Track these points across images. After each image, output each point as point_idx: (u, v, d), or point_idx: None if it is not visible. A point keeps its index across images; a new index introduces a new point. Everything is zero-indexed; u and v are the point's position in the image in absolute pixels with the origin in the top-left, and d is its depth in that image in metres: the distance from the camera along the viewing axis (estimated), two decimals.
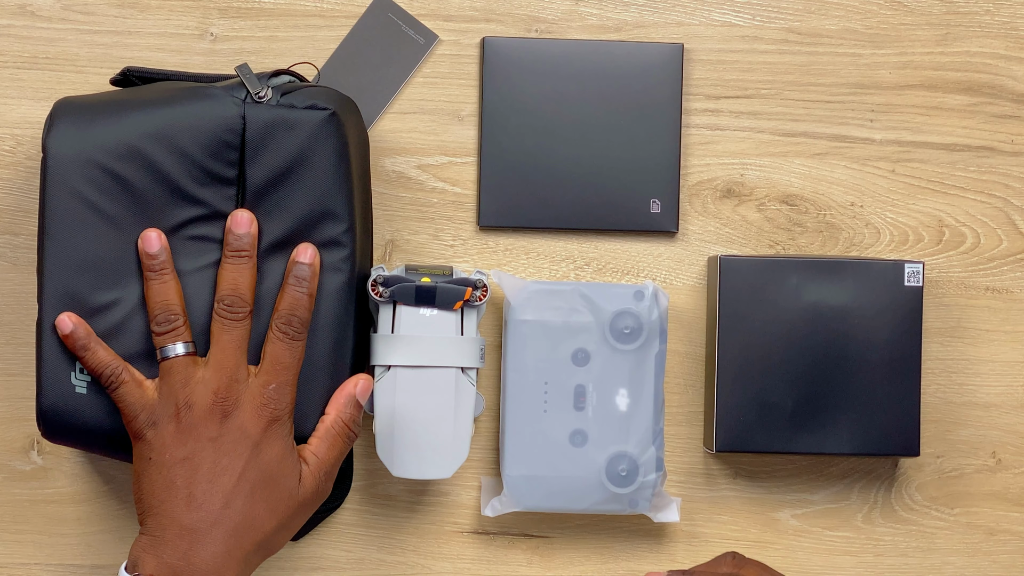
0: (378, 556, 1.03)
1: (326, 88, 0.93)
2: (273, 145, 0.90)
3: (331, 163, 0.90)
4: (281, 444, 0.87)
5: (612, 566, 1.03)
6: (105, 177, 0.89)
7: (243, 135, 0.90)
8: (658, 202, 1.02)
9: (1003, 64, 1.04)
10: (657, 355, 0.98)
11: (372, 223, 1.00)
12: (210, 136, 0.89)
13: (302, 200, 0.90)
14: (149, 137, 0.89)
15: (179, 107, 0.90)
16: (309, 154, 0.90)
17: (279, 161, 0.90)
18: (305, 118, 0.90)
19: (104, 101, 0.91)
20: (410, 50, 1.02)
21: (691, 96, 1.03)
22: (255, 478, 0.86)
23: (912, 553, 1.03)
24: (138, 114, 0.90)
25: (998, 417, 1.03)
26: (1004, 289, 1.03)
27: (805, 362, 0.97)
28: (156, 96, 0.91)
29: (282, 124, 0.90)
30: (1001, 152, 1.04)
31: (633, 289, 0.98)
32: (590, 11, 1.03)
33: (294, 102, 0.90)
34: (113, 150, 0.89)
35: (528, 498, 0.98)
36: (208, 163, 0.89)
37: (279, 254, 0.91)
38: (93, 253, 0.89)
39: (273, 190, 0.90)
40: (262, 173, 0.90)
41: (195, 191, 0.89)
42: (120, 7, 1.02)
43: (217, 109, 0.89)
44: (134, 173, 0.89)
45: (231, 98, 0.90)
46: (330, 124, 0.90)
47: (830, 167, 1.04)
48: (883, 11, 1.03)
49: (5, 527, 1.02)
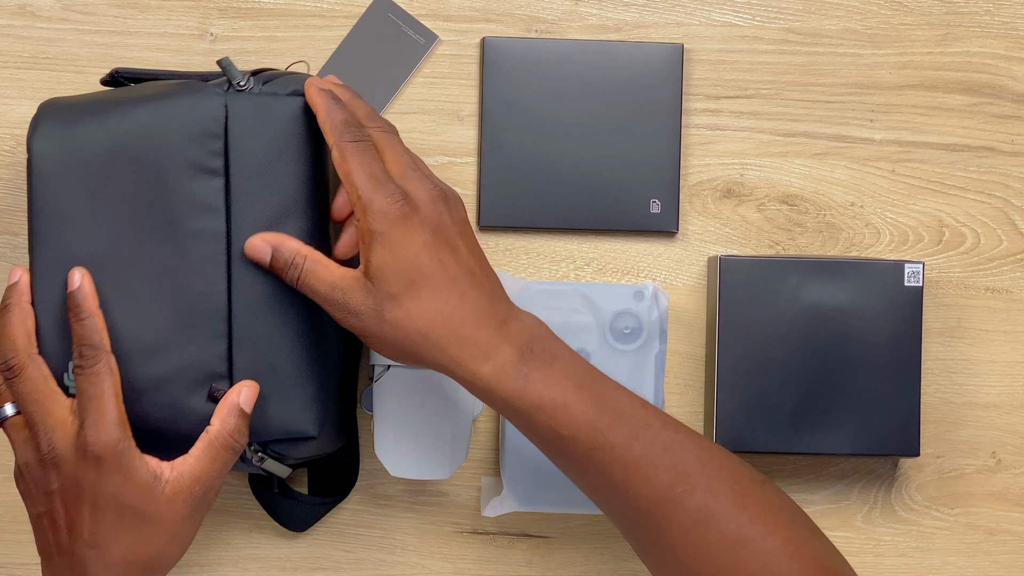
0: (378, 556, 1.03)
1: (309, 75, 0.93)
2: (256, 133, 0.89)
3: (312, 149, 0.90)
4: (120, 475, 0.85)
5: (612, 566, 1.03)
6: (91, 175, 0.89)
7: (226, 125, 0.89)
8: (658, 202, 1.02)
9: (1003, 64, 1.04)
10: (657, 355, 0.98)
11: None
12: (194, 128, 0.89)
13: (285, 187, 0.90)
14: (134, 134, 0.89)
15: (163, 102, 0.89)
16: (291, 141, 0.90)
17: (263, 148, 0.89)
18: (287, 104, 0.90)
19: (89, 101, 0.91)
20: (410, 50, 1.02)
21: (691, 96, 1.03)
22: (110, 515, 0.85)
23: (912, 553, 1.03)
24: (122, 112, 0.90)
25: (998, 417, 1.04)
26: (1004, 289, 1.03)
27: (805, 362, 0.97)
28: (141, 94, 0.91)
29: (264, 111, 0.89)
30: (1001, 152, 1.04)
31: (633, 289, 0.98)
32: (590, 11, 1.03)
33: (276, 89, 0.90)
34: (98, 148, 0.89)
35: (528, 498, 0.98)
36: (194, 155, 0.89)
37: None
38: (82, 252, 0.89)
39: (258, 178, 0.89)
40: (247, 162, 0.89)
41: (184, 184, 0.89)
42: (120, 7, 1.02)
43: (200, 101, 0.89)
44: (121, 170, 0.89)
45: (213, 89, 0.90)
46: (309, 110, 0.90)
47: (830, 167, 1.04)
48: (883, 11, 1.03)
49: (5, 527, 1.02)
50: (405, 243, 0.84)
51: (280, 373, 0.90)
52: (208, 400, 0.89)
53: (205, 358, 0.89)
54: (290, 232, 0.89)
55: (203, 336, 0.89)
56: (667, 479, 0.82)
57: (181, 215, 0.89)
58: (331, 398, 0.93)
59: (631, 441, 0.83)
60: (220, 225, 0.89)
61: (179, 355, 0.89)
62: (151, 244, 0.89)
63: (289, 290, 0.89)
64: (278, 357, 0.90)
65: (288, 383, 0.90)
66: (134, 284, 0.89)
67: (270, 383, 0.90)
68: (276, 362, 0.90)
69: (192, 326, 0.89)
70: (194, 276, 0.89)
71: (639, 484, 0.83)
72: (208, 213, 0.89)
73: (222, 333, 0.89)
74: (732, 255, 1.00)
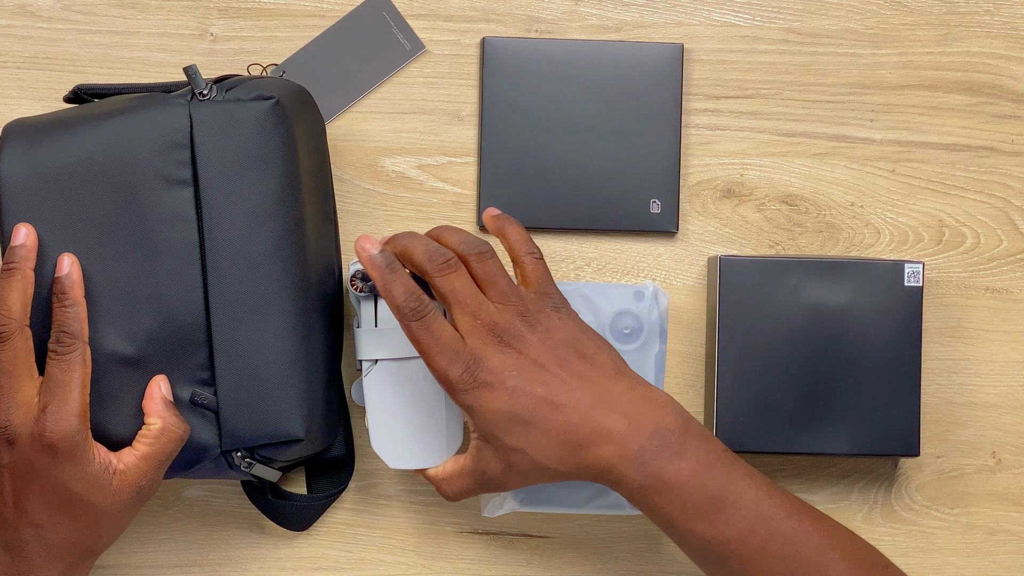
0: (378, 556, 1.03)
1: (273, 78, 0.93)
2: (222, 141, 0.89)
3: (279, 154, 0.90)
4: (72, 465, 0.86)
5: (612, 566, 1.03)
6: (61, 194, 0.89)
7: (191, 134, 0.89)
8: (658, 202, 1.02)
9: (1003, 64, 1.04)
10: (657, 355, 0.98)
11: (335, 211, 1.00)
12: (160, 140, 0.89)
13: (255, 192, 0.90)
14: (100, 149, 0.89)
15: (127, 116, 0.89)
16: (257, 145, 0.90)
17: (229, 155, 0.89)
18: (249, 110, 0.90)
19: (53, 119, 0.91)
20: (394, 53, 1.02)
21: (691, 96, 1.03)
22: (57, 500, 0.87)
23: (912, 553, 1.03)
24: (87, 128, 0.90)
25: (998, 417, 1.04)
26: (1004, 289, 1.03)
27: (805, 362, 0.97)
28: (105, 109, 0.91)
29: (228, 118, 0.89)
30: (1001, 152, 1.04)
31: (633, 289, 0.98)
32: (590, 11, 1.03)
33: (240, 95, 0.90)
34: (66, 166, 0.89)
35: (528, 499, 0.98)
36: (162, 167, 0.89)
37: (241, 252, 0.90)
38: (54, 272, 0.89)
39: (227, 185, 0.89)
40: (215, 170, 0.89)
41: (153, 196, 0.89)
42: (120, 7, 1.02)
43: (164, 113, 0.89)
44: (90, 186, 0.89)
45: (177, 100, 0.90)
46: (274, 113, 0.90)
47: (830, 167, 1.04)
48: (883, 11, 1.03)
49: None
50: (493, 402, 0.88)
51: (263, 377, 0.90)
52: (190, 404, 0.90)
53: (186, 367, 0.90)
54: (264, 237, 0.89)
55: (183, 345, 0.89)
56: (784, 569, 0.85)
57: (153, 227, 0.89)
58: (317, 397, 0.93)
59: (749, 536, 0.86)
60: (192, 235, 0.89)
61: (160, 366, 0.90)
62: (125, 258, 0.89)
63: (268, 294, 0.90)
64: (260, 362, 0.90)
65: (273, 387, 0.90)
66: (111, 298, 0.89)
67: (254, 388, 0.90)
68: (258, 367, 0.90)
69: (171, 336, 0.89)
70: (170, 286, 0.89)
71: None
72: (179, 223, 0.89)
73: (202, 341, 0.90)
74: (732, 255, 1.00)
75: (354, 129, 1.03)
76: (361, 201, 1.03)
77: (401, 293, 0.88)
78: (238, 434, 0.90)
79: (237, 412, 0.90)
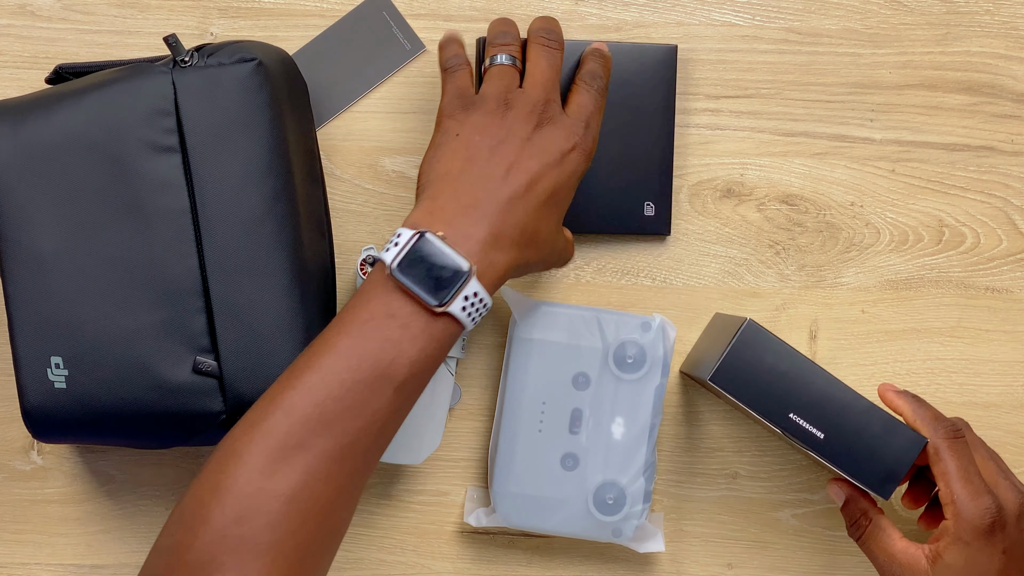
0: (378, 556, 1.03)
1: (253, 41, 0.93)
2: (206, 105, 0.90)
3: (264, 114, 0.90)
4: (575, 170, 0.91)
5: (612, 566, 1.03)
6: (47, 170, 0.89)
7: (176, 101, 0.90)
8: (652, 205, 1.02)
9: (1003, 64, 1.04)
10: (657, 388, 0.97)
11: (323, 174, 1.00)
12: (145, 108, 0.89)
13: (243, 155, 0.90)
14: (85, 122, 0.89)
15: (111, 87, 0.90)
16: (243, 108, 0.90)
17: (215, 119, 0.90)
18: (232, 72, 0.90)
19: (36, 98, 0.91)
20: (394, 53, 1.02)
21: (691, 96, 1.03)
22: (547, 186, 0.89)
23: None
24: (71, 102, 0.90)
25: (998, 417, 1.04)
26: (1004, 289, 1.03)
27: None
28: (88, 83, 0.91)
29: (212, 82, 0.90)
30: (1001, 152, 1.04)
31: (640, 320, 0.98)
32: (590, 11, 1.03)
33: (221, 59, 0.90)
34: (51, 142, 0.89)
35: (514, 516, 0.98)
36: (148, 135, 0.89)
37: (233, 215, 0.90)
38: (50, 247, 0.89)
39: (215, 149, 0.90)
40: (201, 134, 0.90)
41: (141, 165, 0.89)
42: (120, 7, 1.02)
43: (147, 81, 0.90)
44: (77, 160, 0.89)
45: (159, 68, 0.90)
46: (257, 74, 0.90)
47: (830, 167, 1.04)
48: (883, 11, 1.03)
49: (5, 527, 1.02)
50: (982, 556, 0.88)
51: (265, 338, 0.90)
52: (193, 373, 0.90)
53: (187, 334, 0.90)
54: (255, 200, 0.90)
55: (182, 312, 0.90)
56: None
57: (143, 196, 0.89)
58: None
59: None
60: (184, 201, 0.90)
61: (160, 334, 0.89)
62: (117, 228, 0.89)
63: (263, 254, 0.90)
64: (260, 323, 0.90)
65: (275, 346, 0.90)
66: (106, 270, 0.89)
67: (256, 349, 0.90)
68: (259, 328, 0.90)
69: (170, 304, 0.89)
70: (165, 254, 0.89)
71: None
72: (169, 190, 0.90)
73: (200, 307, 0.90)
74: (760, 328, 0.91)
75: (354, 129, 1.03)
76: (361, 201, 1.03)
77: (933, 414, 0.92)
78: (243, 398, 0.90)
79: (241, 375, 0.90)
